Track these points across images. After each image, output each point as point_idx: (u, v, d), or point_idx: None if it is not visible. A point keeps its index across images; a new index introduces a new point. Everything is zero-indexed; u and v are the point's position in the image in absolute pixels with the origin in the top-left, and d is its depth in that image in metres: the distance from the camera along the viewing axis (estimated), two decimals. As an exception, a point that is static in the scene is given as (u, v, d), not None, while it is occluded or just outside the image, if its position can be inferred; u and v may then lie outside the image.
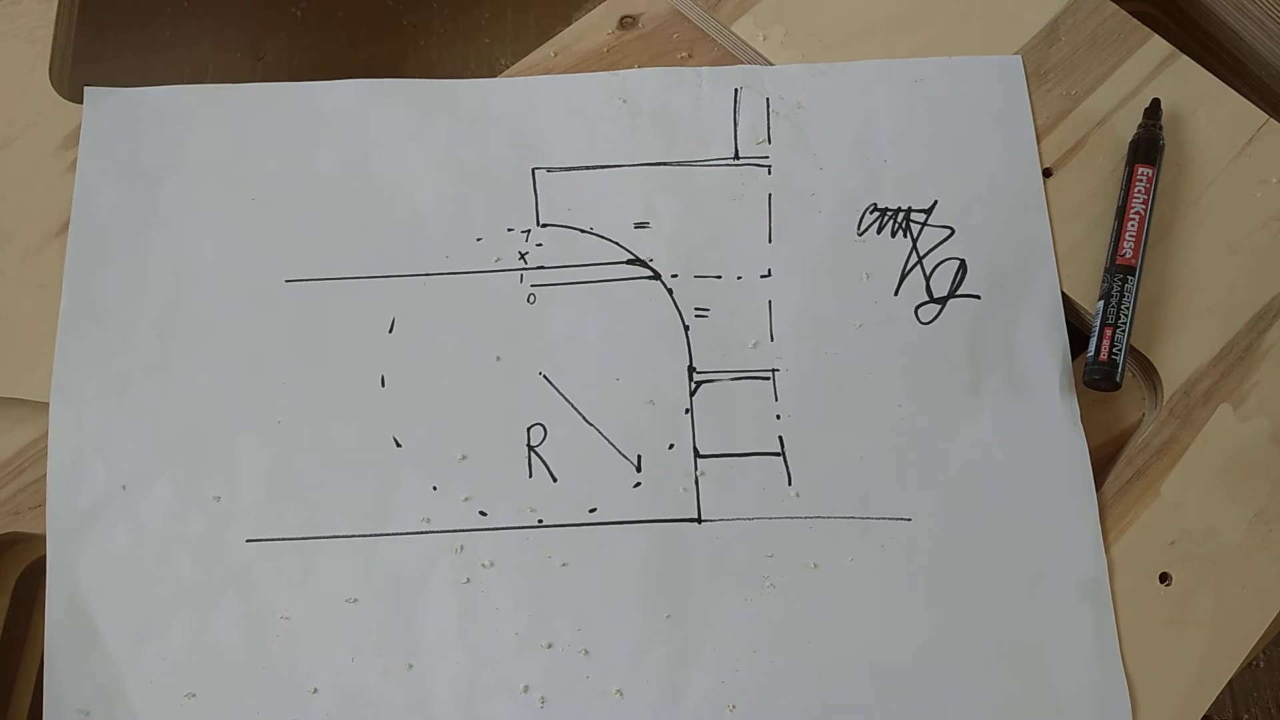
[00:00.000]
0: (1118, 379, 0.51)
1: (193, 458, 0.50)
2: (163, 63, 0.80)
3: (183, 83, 0.57)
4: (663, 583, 0.49)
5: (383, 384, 0.52)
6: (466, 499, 0.50)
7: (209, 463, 0.50)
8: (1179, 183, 0.56)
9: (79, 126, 0.55)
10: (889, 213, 0.55)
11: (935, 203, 0.55)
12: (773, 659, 0.48)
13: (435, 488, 0.50)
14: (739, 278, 0.54)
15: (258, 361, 0.52)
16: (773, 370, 0.53)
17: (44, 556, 0.49)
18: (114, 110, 0.56)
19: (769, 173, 0.56)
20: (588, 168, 0.56)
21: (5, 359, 0.51)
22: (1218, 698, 0.48)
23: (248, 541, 0.49)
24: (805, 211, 0.55)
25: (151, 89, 0.57)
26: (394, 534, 0.50)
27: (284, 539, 0.49)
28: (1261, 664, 0.80)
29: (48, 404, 0.50)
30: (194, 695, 0.47)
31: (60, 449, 0.50)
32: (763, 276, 0.54)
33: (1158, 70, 0.58)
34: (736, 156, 0.56)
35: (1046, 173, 0.56)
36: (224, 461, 0.50)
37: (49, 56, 0.57)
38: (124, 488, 0.50)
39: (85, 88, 0.56)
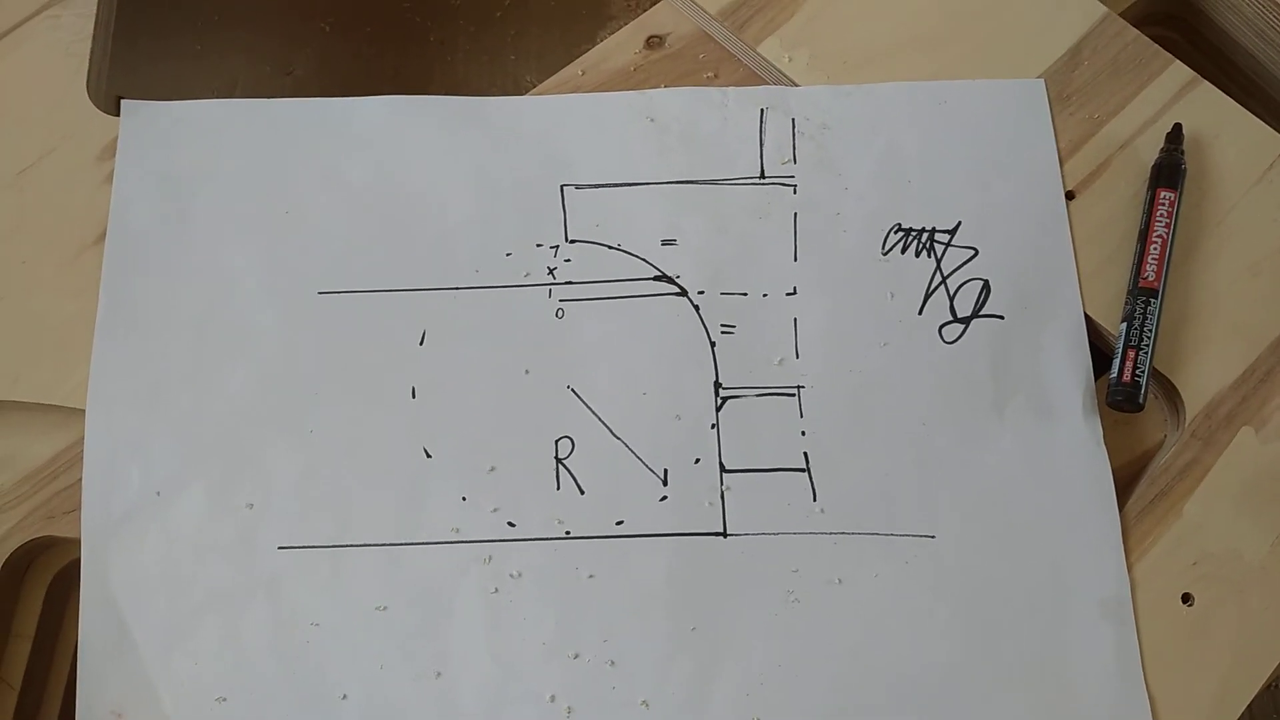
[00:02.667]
0: (1141, 400, 0.52)
1: (226, 465, 0.51)
2: (193, 75, 0.81)
3: (213, 95, 0.58)
4: (688, 595, 0.50)
5: (413, 395, 0.52)
6: (495, 510, 0.51)
7: (242, 470, 0.51)
8: (1201, 207, 0.57)
9: (115, 138, 0.56)
10: (913, 233, 0.56)
11: (959, 224, 0.56)
12: (797, 673, 0.49)
13: (464, 498, 0.51)
14: (765, 295, 0.55)
15: (290, 371, 0.52)
16: (798, 387, 0.53)
17: (77, 560, 0.49)
18: (150, 123, 0.57)
19: (794, 192, 0.57)
20: (615, 185, 0.57)
21: (42, 365, 0.52)
22: (1237, 720, 0.49)
23: (279, 548, 0.50)
24: (830, 231, 0.56)
25: (187, 102, 0.58)
26: (423, 543, 0.50)
27: (315, 546, 0.50)
28: (1280, 686, 0.79)
29: (83, 410, 0.51)
30: (224, 699, 0.48)
31: (95, 454, 0.51)
32: (788, 294, 0.55)
33: (1179, 95, 0.59)
34: (762, 176, 0.57)
35: (1069, 195, 0.57)
36: (256, 469, 0.51)
37: (86, 70, 0.58)
38: (158, 493, 0.50)
39: (122, 100, 0.57)
